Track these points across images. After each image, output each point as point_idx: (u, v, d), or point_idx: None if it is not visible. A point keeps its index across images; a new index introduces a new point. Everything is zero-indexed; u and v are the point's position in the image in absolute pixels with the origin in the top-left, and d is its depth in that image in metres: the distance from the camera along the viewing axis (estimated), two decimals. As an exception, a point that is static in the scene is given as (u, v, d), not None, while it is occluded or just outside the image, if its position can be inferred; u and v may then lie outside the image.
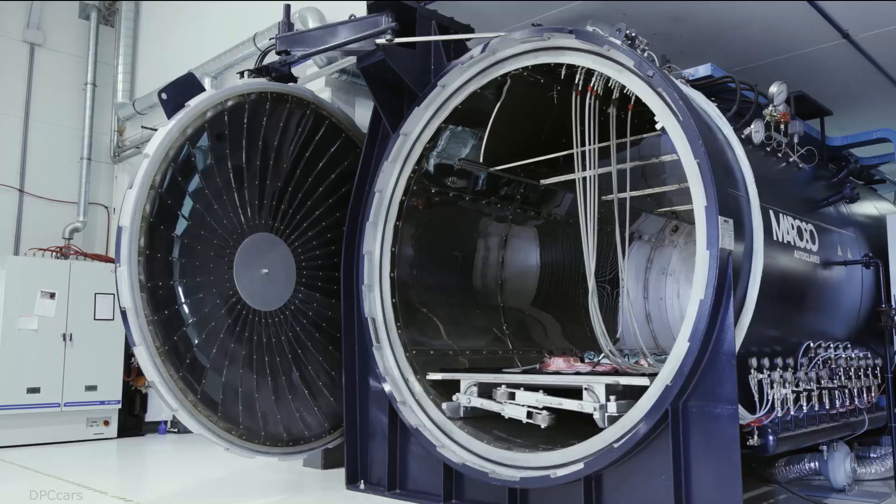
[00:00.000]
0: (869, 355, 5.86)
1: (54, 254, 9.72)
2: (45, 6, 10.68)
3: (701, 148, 4.18)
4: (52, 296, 9.13)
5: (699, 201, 4.20)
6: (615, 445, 4.34)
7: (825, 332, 5.64)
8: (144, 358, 5.20)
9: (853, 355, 5.60)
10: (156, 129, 9.83)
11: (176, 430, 10.16)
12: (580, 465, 4.46)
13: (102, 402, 9.39)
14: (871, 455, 6.25)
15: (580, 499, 4.50)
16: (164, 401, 5.33)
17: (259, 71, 6.16)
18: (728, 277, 4.11)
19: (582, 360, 6.29)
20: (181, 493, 6.23)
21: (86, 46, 10.95)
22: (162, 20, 10.83)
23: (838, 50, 7.28)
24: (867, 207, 7.16)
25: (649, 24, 6.92)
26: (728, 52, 7.43)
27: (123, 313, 5.19)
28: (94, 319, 9.41)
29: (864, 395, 5.62)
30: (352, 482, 5.91)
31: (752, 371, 4.51)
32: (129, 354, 9.90)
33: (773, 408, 4.47)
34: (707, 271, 4.10)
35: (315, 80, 7.44)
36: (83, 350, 9.26)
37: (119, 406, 9.60)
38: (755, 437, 4.41)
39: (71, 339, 9.19)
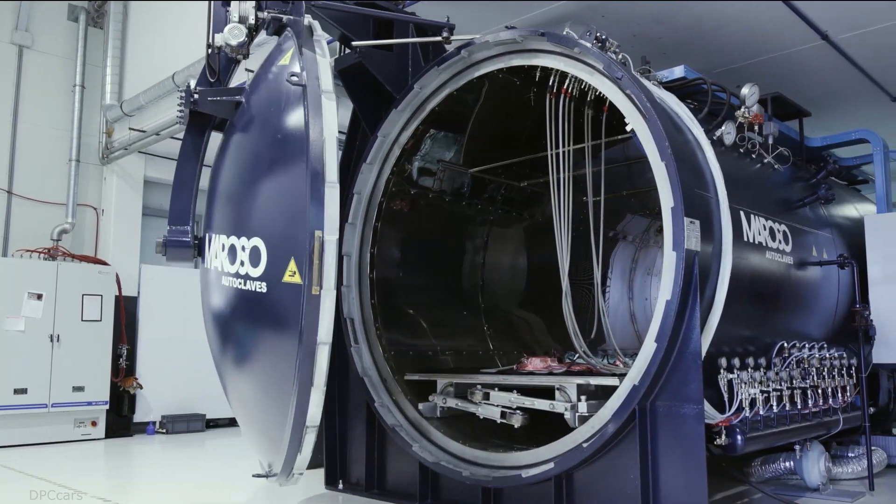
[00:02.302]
0: (845, 355, 5.87)
1: (42, 255, 9.74)
2: (34, 9, 10.70)
3: (667, 149, 4.21)
4: (40, 297, 9.17)
5: (666, 202, 4.22)
6: (584, 445, 4.37)
7: (800, 332, 5.67)
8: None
9: (828, 355, 5.62)
10: (144, 131, 10.02)
11: (164, 430, 10.20)
12: (551, 465, 4.49)
13: (90, 403, 9.43)
14: (849, 454, 6.28)
15: (551, 498, 4.54)
16: None
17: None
18: (694, 278, 4.13)
19: (561, 361, 6.32)
20: (163, 491, 6.26)
21: (74, 48, 10.95)
22: (151, 22, 10.83)
23: (818, 51, 7.29)
24: (847, 208, 7.19)
25: (630, 25, 6.92)
26: (709, 54, 7.44)
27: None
28: (82, 321, 9.45)
29: (840, 394, 5.64)
30: (331, 482, 5.94)
31: (722, 371, 4.54)
32: (116, 355, 9.96)
33: (741, 407, 4.50)
34: (673, 272, 4.13)
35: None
36: (70, 351, 9.30)
37: (107, 407, 9.63)
38: (723, 436, 4.44)
39: (58, 340, 9.22)
